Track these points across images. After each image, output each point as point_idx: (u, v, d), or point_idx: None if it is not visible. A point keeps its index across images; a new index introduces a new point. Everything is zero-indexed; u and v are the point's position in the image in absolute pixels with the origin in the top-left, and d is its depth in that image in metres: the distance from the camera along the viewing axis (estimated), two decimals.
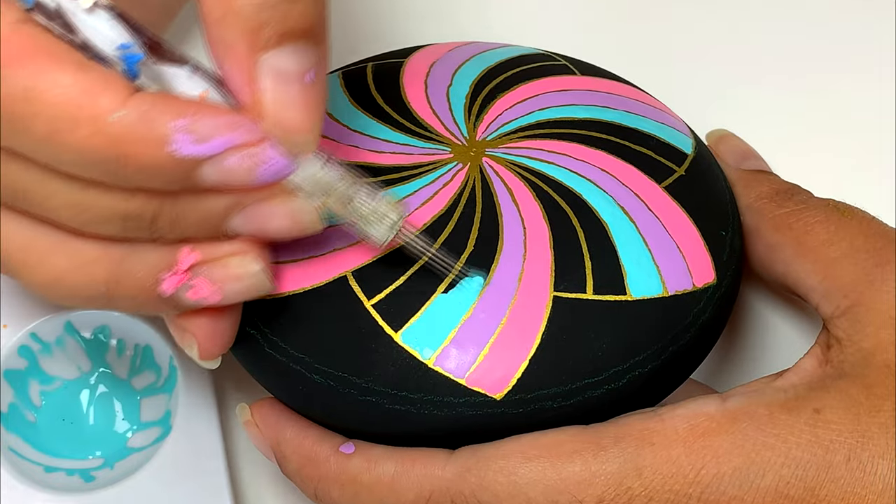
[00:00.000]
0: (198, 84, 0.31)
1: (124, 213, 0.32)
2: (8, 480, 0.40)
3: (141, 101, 0.30)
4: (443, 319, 0.35)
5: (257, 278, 0.34)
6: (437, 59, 0.42)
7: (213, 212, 0.32)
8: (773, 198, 0.39)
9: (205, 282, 0.33)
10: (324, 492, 0.35)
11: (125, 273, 0.33)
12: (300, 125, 0.32)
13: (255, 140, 0.31)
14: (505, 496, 0.33)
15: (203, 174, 0.31)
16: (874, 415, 0.33)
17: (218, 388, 0.42)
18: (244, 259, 0.33)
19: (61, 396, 0.43)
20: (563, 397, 0.34)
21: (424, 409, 0.34)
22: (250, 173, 0.31)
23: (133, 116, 0.30)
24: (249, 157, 0.31)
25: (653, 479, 0.33)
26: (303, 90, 0.31)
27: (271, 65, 0.31)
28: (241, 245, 0.33)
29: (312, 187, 0.32)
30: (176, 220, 0.32)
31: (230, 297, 0.34)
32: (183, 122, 0.30)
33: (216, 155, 0.31)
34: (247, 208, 0.32)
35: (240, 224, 0.33)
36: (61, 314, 0.42)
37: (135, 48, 0.31)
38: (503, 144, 0.39)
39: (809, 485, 0.33)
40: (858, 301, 0.36)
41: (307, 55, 0.31)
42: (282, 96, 0.31)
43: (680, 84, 0.47)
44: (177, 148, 0.30)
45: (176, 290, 0.33)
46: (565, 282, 0.35)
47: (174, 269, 0.33)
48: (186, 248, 0.33)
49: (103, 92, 0.30)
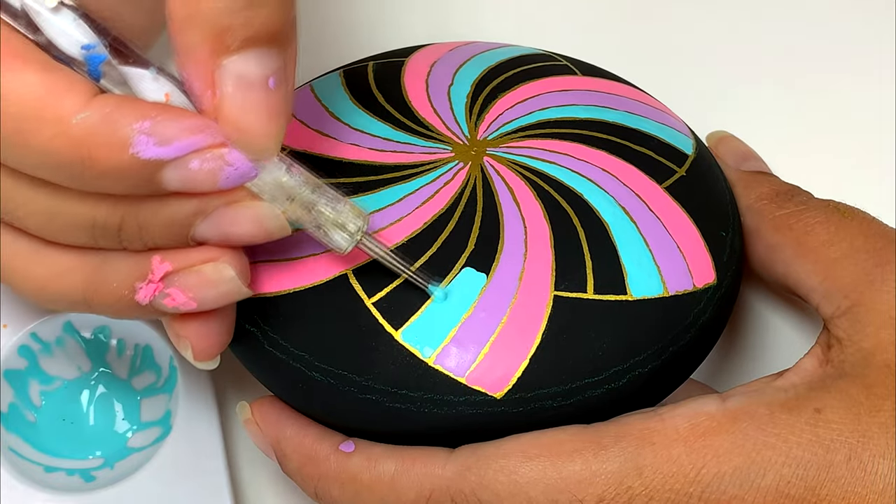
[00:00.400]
0: (162, 86, 0.31)
1: (91, 221, 0.32)
2: (8, 480, 0.40)
3: (104, 103, 0.30)
4: (443, 318, 0.35)
5: (231, 284, 0.33)
6: (438, 59, 0.42)
7: (178, 218, 0.32)
8: (773, 199, 0.40)
9: (179, 290, 0.33)
10: (324, 490, 0.35)
11: (101, 282, 0.33)
12: (261, 130, 0.31)
13: (217, 143, 0.31)
14: (505, 495, 0.33)
15: (166, 178, 0.31)
16: (874, 414, 0.33)
17: (218, 387, 0.42)
18: (217, 266, 0.33)
19: (61, 396, 0.43)
20: (563, 397, 0.34)
21: (425, 408, 0.34)
22: (213, 177, 0.31)
23: (95, 118, 0.30)
24: (212, 160, 0.31)
25: (653, 479, 0.33)
26: (265, 96, 0.31)
27: (232, 70, 0.31)
28: (211, 251, 0.33)
29: (276, 192, 0.32)
30: (141, 227, 0.32)
31: (206, 303, 0.33)
32: (145, 124, 0.30)
33: (179, 158, 0.30)
34: (211, 214, 0.32)
35: (205, 230, 0.33)
36: (61, 314, 0.42)
37: (99, 49, 0.30)
38: (504, 144, 0.39)
39: (810, 484, 0.33)
40: (859, 301, 0.36)
41: (271, 60, 0.31)
42: (242, 101, 0.31)
43: (680, 84, 0.47)
44: (139, 150, 0.30)
45: (152, 298, 0.33)
46: (566, 281, 0.35)
47: (148, 278, 0.33)
48: (157, 258, 0.33)
49: (67, 92, 0.29)
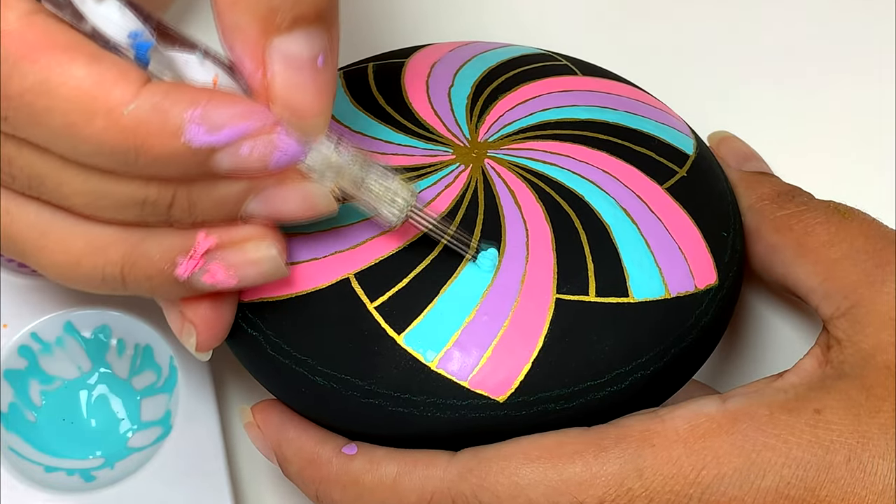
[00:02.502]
0: (209, 69, 0.31)
1: (141, 200, 0.32)
2: (8, 480, 0.40)
3: (153, 92, 0.30)
4: (445, 322, 0.35)
5: (273, 263, 0.34)
6: (438, 60, 0.42)
7: (229, 197, 0.32)
8: (774, 199, 0.40)
9: (220, 266, 0.33)
10: (325, 493, 0.35)
11: (141, 255, 0.33)
12: (311, 109, 0.32)
13: (268, 127, 0.31)
14: (506, 497, 0.33)
15: (218, 162, 0.31)
16: (874, 415, 0.33)
17: (218, 388, 0.42)
18: (260, 244, 0.34)
19: (61, 396, 0.43)
20: (565, 399, 0.34)
21: (427, 412, 0.34)
22: (264, 160, 0.31)
23: (146, 108, 0.30)
24: (263, 144, 0.31)
25: (653, 480, 0.33)
26: (313, 74, 0.31)
27: (282, 49, 0.31)
28: (256, 230, 0.34)
29: (325, 169, 0.33)
30: (192, 205, 0.32)
31: (246, 281, 0.34)
32: (196, 111, 0.30)
33: (230, 143, 0.31)
34: (261, 192, 0.33)
35: (255, 208, 0.33)
36: (61, 314, 0.42)
37: (145, 35, 0.31)
38: (505, 146, 0.39)
39: (810, 485, 0.33)
40: (858, 302, 0.36)
41: (318, 39, 0.31)
42: (292, 81, 0.31)
43: (681, 84, 0.47)
44: (190, 138, 0.30)
45: (192, 273, 0.33)
46: (568, 284, 0.35)
47: (190, 253, 0.33)
48: (202, 233, 0.33)
49: (116, 83, 0.30)
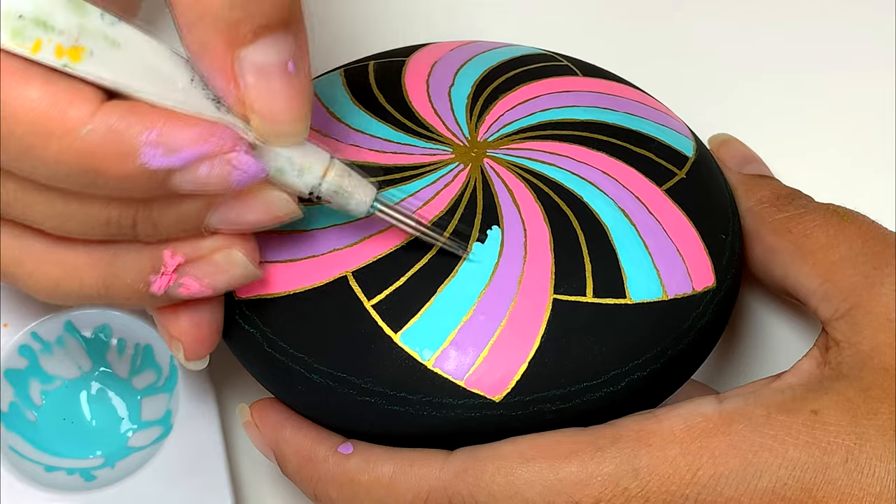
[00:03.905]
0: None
1: (105, 220, 0.32)
2: (8, 480, 0.40)
3: (109, 113, 0.30)
4: (442, 321, 0.35)
5: (242, 268, 0.34)
6: (438, 59, 0.42)
7: (189, 214, 0.32)
8: (773, 202, 0.40)
9: (192, 279, 0.34)
10: (323, 492, 0.35)
11: (114, 277, 0.33)
12: (288, 115, 0.32)
13: (225, 149, 0.31)
14: (502, 497, 0.33)
15: (176, 183, 0.31)
16: (871, 417, 0.33)
17: (218, 387, 0.42)
18: (227, 253, 0.34)
19: (62, 396, 0.43)
20: (561, 400, 0.34)
21: (423, 411, 0.34)
22: (224, 181, 0.31)
23: (102, 130, 0.30)
24: (221, 164, 0.31)
25: (649, 480, 0.33)
26: (286, 80, 0.31)
27: (250, 60, 0.31)
28: (221, 240, 0.34)
29: (286, 167, 0.33)
30: (156, 224, 0.32)
31: (220, 288, 0.34)
32: (152, 134, 0.30)
33: (188, 165, 0.31)
34: (221, 206, 0.33)
35: (218, 221, 0.33)
36: (62, 313, 0.42)
37: None
38: (504, 145, 0.39)
39: (806, 486, 0.33)
40: (857, 304, 0.36)
41: (285, 45, 0.31)
42: (265, 90, 0.31)
43: (681, 85, 0.47)
44: (147, 160, 0.30)
45: (167, 288, 0.34)
46: (565, 284, 0.35)
47: (161, 271, 0.33)
48: (168, 252, 0.33)
49: (71, 104, 0.29)
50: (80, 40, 0.30)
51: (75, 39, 0.30)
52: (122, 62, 0.30)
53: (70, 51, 0.29)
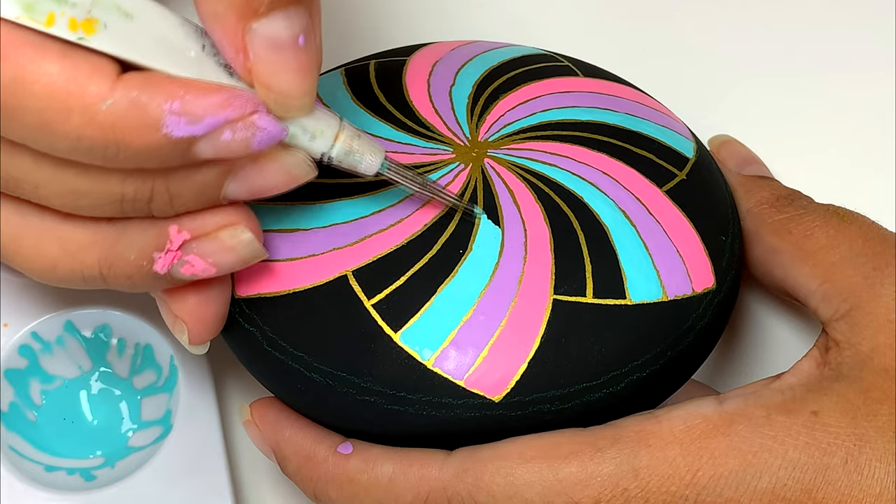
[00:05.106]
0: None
1: (121, 196, 0.32)
2: (8, 479, 0.40)
3: (130, 86, 0.30)
4: (442, 320, 0.35)
5: (250, 247, 0.34)
6: (439, 58, 0.42)
7: (208, 182, 0.32)
8: (773, 203, 0.40)
9: (197, 257, 0.33)
10: (322, 492, 0.35)
11: (117, 257, 0.33)
12: (295, 89, 0.32)
13: (247, 112, 0.31)
14: (502, 497, 0.33)
15: (199, 150, 0.31)
16: (871, 418, 0.33)
17: (218, 387, 0.42)
18: (234, 230, 0.34)
19: (62, 395, 0.43)
20: (561, 400, 0.34)
21: (423, 410, 0.34)
22: (246, 144, 0.31)
23: (124, 103, 0.29)
24: (244, 128, 0.31)
25: (649, 481, 0.33)
26: (296, 55, 0.31)
27: (262, 33, 0.31)
28: (228, 217, 0.34)
29: (298, 132, 0.33)
30: (173, 196, 0.32)
31: (225, 268, 0.34)
32: (174, 104, 0.30)
33: (211, 132, 0.31)
34: (239, 172, 0.32)
35: (235, 189, 0.33)
36: (62, 313, 0.42)
37: None
38: (505, 146, 0.39)
39: (806, 487, 0.33)
40: (857, 305, 0.36)
41: (298, 19, 0.31)
42: (274, 63, 0.31)
43: (682, 86, 0.47)
44: (171, 130, 0.30)
45: (170, 267, 0.33)
46: (565, 285, 0.35)
47: (166, 248, 0.33)
48: (174, 228, 0.33)
49: (90, 78, 0.29)
50: (93, 12, 0.29)
51: (88, 11, 0.29)
52: (136, 33, 0.30)
53: (84, 23, 0.29)
